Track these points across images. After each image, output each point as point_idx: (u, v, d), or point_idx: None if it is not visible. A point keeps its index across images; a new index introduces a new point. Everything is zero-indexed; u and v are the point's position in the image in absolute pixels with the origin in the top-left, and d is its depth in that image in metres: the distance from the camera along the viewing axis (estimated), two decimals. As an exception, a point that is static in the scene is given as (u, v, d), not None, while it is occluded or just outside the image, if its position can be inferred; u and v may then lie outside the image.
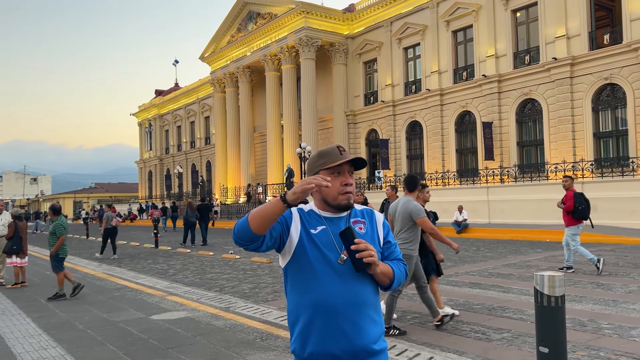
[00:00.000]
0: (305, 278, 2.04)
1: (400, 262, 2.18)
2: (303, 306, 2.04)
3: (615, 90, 21.91)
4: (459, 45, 28.37)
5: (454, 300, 7.56)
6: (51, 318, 7.38)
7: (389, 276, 2.07)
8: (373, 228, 2.16)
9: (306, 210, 2.13)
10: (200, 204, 20.79)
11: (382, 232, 2.17)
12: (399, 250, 2.24)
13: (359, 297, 2.02)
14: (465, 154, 28.27)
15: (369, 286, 2.06)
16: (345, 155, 2.08)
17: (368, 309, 2.03)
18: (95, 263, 14.47)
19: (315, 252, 2.03)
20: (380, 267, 2.02)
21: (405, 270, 2.20)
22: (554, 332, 2.79)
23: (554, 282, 2.81)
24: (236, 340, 5.82)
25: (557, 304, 2.79)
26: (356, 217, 2.15)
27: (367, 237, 2.10)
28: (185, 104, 53.85)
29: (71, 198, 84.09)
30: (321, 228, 2.07)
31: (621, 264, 10.57)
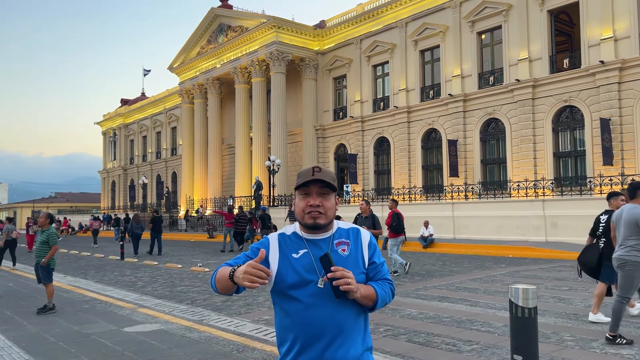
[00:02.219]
0: (287, 302, 2.07)
1: (385, 282, 2.17)
2: (286, 329, 2.08)
3: (574, 112, 22.89)
4: (427, 65, 29.12)
5: (424, 313, 7.78)
6: (20, 330, 7.24)
7: (372, 299, 2.08)
8: (358, 249, 2.14)
9: (289, 233, 2.16)
10: (154, 216, 21.36)
11: (367, 252, 2.16)
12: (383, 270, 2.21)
13: (340, 320, 2.04)
14: (431, 170, 28.89)
15: (351, 308, 2.06)
16: (317, 175, 2.08)
17: (349, 331, 2.05)
18: (60, 275, 14.15)
19: (295, 277, 2.04)
20: (361, 291, 2.03)
21: (392, 289, 2.20)
22: (528, 341, 3.00)
23: (527, 295, 3.03)
24: (213, 352, 5.87)
25: (531, 315, 3.01)
26: (340, 237, 2.15)
27: (350, 259, 2.10)
28: (151, 114, 53.23)
29: (29, 207, 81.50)
30: (303, 252, 2.09)
31: (580, 279, 11.02)
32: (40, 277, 8.67)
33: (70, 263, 17.73)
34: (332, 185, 2.11)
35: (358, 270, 2.10)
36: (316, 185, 2.09)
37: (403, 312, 7.93)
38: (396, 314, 7.82)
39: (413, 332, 6.65)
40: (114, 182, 60.01)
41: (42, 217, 8.81)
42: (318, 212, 2.07)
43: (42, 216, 8.82)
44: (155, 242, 20.46)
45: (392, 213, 12.44)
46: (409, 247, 20.63)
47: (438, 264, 14.73)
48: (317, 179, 2.08)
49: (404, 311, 8.02)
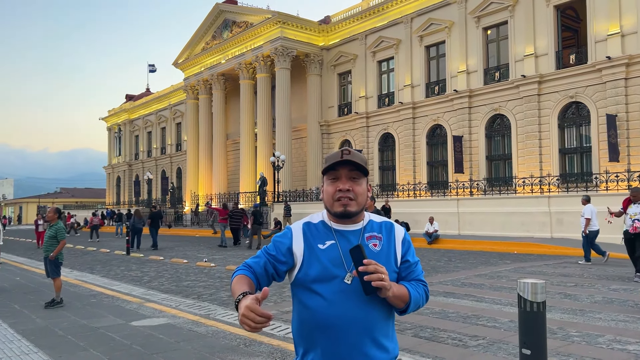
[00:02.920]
0: (308, 297, 1.89)
1: (419, 284, 1.98)
2: (305, 327, 1.90)
3: (580, 109, 22.80)
4: (432, 60, 29.04)
5: (430, 309, 7.79)
6: (28, 324, 7.30)
7: (404, 300, 1.89)
8: (390, 245, 1.96)
9: (315, 222, 1.99)
10: (152, 212, 22.12)
11: (400, 249, 1.98)
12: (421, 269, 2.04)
13: (366, 321, 1.85)
14: (436, 166, 28.85)
15: (379, 309, 1.88)
16: (347, 157, 1.91)
17: (375, 335, 1.86)
18: (67, 269, 14.23)
19: (320, 270, 1.88)
20: (394, 289, 1.83)
21: (426, 292, 2.00)
22: (536, 335, 3.01)
23: (536, 289, 3.04)
24: (220, 346, 5.90)
25: (539, 309, 3.02)
26: (372, 231, 1.97)
27: (381, 255, 1.92)
28: (156, 110, 53.33)
29: (35, 203, 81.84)
30: (330, 243, 1.92)
31: (586, 275, 11.02)
32: (49, 271, 8.72)
33: (76, 258, 17.82)
34: (364, 167, 1.93)
35: (390, 269, 1.90)
36: (346, 168, 1.92)
37: (409, 308, 7.94)
38: (402, 309, 7.83)
39: (419, 327, 6.66)
40: (119, 178, 60.21)
41: (50, 211, 8.85)
42: (348, 198, 1.90)
43: (51, 211, 8.86)
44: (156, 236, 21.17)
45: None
46: (414, 244, 20.53)
47: (443, 260, 14.73)
48: (347, 161, 1.91)
49: (410, 306, 8.02)
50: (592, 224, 12.81)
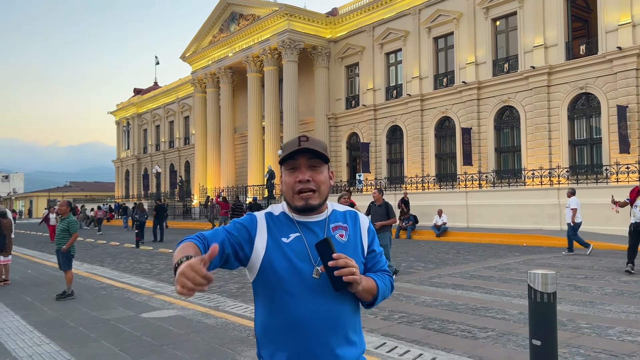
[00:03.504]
0: (274, 294, 1.76)
1: (385, 274, 1.89)
2: (271, 327, 1.77)
3: (590, 100, 22.58)
4: (440, 52, 28.84)
5: (439, 301, 7.79)
6: (40, 315, 7.38)
7: (373, 293, 1.80)
8: (357, 235, 1.86)
9: (277, 214, 1.85)
10: (157, 204, 22.54)
11: (366, 239, 1.88)
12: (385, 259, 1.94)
13: (335, 317, 1.75)
14: (445, 158, 28.72)
15: (347, 303, 1.78)
16: (305, 145, 1.77)
17: (345, 330, 1.77)
18: (77, 262, 14.34)
19: (285, 265, 1.74)
20: (363, 283, 1.73)
21: (391, 282, 1.92)
22: (546, 326, 3.00)
23: (546, 280, 3.02)
24: (229, 337, 5.93)
25: (550, 300, 3.00)
26: (337, 221, 1.85)
27: (348, 246, 1.81)
28: (164, 103, 53.44)
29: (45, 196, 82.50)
30: (294, 236, 1.78)
31: (596, 267, 10.96)
32: (60, 263, 8.80)
33: (86, 251, 17.96)
34: (324, 155, 1.80)
35: (357, 260, 1.80)
36: (305, 157, 1.79)
37: (418, 300, 7.94)
38: (411, 301, 7.84)
39: (428, 319, 6.66)
40: (127, 172, 60.50)
41: (62, 204, 8.92)
42: (310, 190, 1.77)
43: (62, 204, 8.92)
44: (158, 229, 21.46)
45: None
46: (422, 236, 20.62)
47: (452, 253, 14.70)
48: (305, 149, 1.77)
49: (419, 298, 8.03)
50: (578, 216, 13.35)
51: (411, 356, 5.06)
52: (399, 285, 9.20)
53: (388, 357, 5.04)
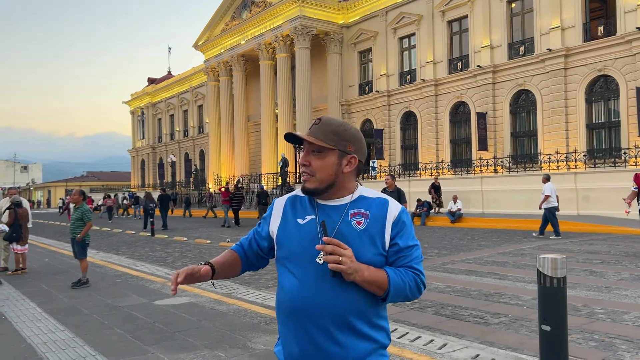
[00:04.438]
0: (283, 274, 1.80)
1: (409, 271, 1.74)
2: (280, 308, 1.80)
3: (609, 82, 22.13)
4: (454, 36, 28.44)
5: (451, 287, 7.74)
6: (55, 303, 7.48)
7: (380, 286, 1.69)
8: (378, 224, 1.74)
9: (302, 195, 1.85)
10: (161, 194, 23.49)
11: (389, 230, 1.74)
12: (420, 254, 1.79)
13: (338, 304, 1.69)
14: (459, 144, 28.45)
15: (357, 294, 1.70)
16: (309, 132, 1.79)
17: (352, 319, 1.70)
18: (93, 250, 14.53)
19: (295, 247, 1.75)
20: (365, 274, 1.66)
21: (417, 281, 1.74)
22: (556, 312, 2.94)
23: (556, 264, 2.96)
24: (241, 324, 5.96)
25: (559, 285, 2.94)
26: (359, 207, 1.77)
27: (364, 235, 1.73)
28: (178, 93, 53.62)
29: (63, 186, 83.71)
30: (309, 218, 1.77)
31: (613, 252, 10.80)
32: (75, 252, 8.91)
33: (102, 239, 18.19)
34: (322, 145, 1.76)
35: (374, 251, 1.72)
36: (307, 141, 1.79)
37: (430, 286, 7.90)
38: (423, 287, 7.79)
39: (440, 305, 6.62)
40: (143, 161, 61.00)
41: (75, 194, 9.00)
42: (307, 174, 1.78)
43: (75, 193, 9.01)
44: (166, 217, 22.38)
45: None
46: (437, 222, 20.51)
47: (466, 239, 14.60)
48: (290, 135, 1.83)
49: (431, 285, 7.98)
50: (552, 201, 13.88)
51: (422, 342, 5.03)
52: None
53: (399, 343, 5.02)
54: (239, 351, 4.95)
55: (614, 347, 4.74)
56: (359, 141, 1.82)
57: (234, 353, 4.90)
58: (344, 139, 1.78)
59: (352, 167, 1.79)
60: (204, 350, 5.02)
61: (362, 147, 1.83)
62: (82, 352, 5.05)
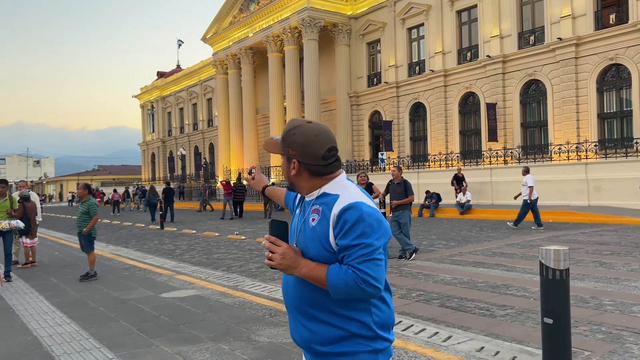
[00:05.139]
0: None
1: (350, 270, 1.70)
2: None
3: (621, 71, 21.80)
4: (463, 26, 28.15)
5: (458, 279, 7.68)
6: (63, 296, 7.54)
7: (319, 282, 1.75)
8: (324, 222, 1.79)
9: None
10: (165, 188, 23.83)
11: (332, 230, 1.76)
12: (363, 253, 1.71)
13: (298, 295, 1.85)
14: (469, 135, 28.23)
15: (311, 285, 1.83)
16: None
17: (308, 309, 1.83)
18: (103, 244, 14.64)
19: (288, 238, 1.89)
20: (302, 270, 1.76)
21: (357, 280, 1.68)
22: (559, 304, 2.89)
23: (559, 256, 2.90)
24: (246, 316, 5.96)
25: (562, 277, 2.89)
26: (318, 204, 1.84)
27: (315, 231, 1.80)
28: (187, 86, 53.71)
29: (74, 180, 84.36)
30: (297, 211, 1.99)
31: (623, 243, 10.67)
32: (82, 246, 8.96)
33: (112, 233, 18.32)
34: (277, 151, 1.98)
35: (320, 247, 1.78)
36: None
37: (437, 278, 7.86)
38: (429, 280, 7.76)
39: (446, 297, 6.58)
40: (153, 154, 61.29)
41: (80, 188, 9.04)
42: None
43: (81, 187, 9.05)
44: (168, 210, 22.67)
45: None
46: (446, 214, 20.41)
47: (474, 230, 14.51)
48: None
49: (438, 277, 7.94)
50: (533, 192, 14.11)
51: (427, 334, 5.00)
52: (418, 264, 9.12)
53: (403, 335, 4.99)
54: (243, 344, 4.95)
55: (621, 339, 4.67)
56: (302, 145, 1.85)
57: (238, 346, 4.90)
58: (286, 145, 1.90)
59: (295, 171, 1.88)
60: (207, 342, 5.03)
61: (306, 149, 1.85)
62: (86, 345, 5.07)
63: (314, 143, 1.85)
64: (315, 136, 1.85)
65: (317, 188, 1.88)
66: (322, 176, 1.87)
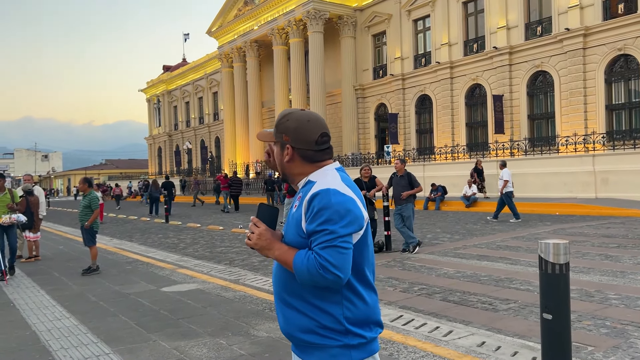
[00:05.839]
0: None
1: (312, 254, 1.73)
2: None
3: (629, 61, 21.51)
4: (470, 17, 27.88)
5: (461, 272, 7.60)
6: (64, 290, 7.53)
7: (289, 265, 1.79)
8: (300, 208, 1.84)
9: None
10: (165, 181, 24.53)
11: (304, 215, 1.80)
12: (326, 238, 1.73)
13: (277, 281, 1.91)
14: (475, 127, 28.02)
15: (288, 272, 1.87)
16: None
17: (285, 295, 1.87)
18: (107, 237, 14.66)
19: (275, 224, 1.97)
20: (275, 252, 1.82)
21: (316, 265, 1.70)
22: (558, 299, 2.80)
23: (558, 250, 2.82)
24: (245, 310, 5.91)
25: (562, 272, 2.80)
26: (302, 191, 1.90)
27: (294, 217, 1.86)
28: (193, 80, 53.68)
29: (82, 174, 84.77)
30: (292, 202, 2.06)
31: (630, 236, 10.53)
32: (84, 239, 8.94)
33: (117, 226, 18.35)
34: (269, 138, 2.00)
35: (295, 233, 1.83)
36: None
37: (440, 271, 7.78)
38: (432, 273, 7.68)
39: (448, 291, 6.50)
40: (160, 148, 61.40)
41: (81, 182, 9.03)
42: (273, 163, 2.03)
43: (81, 181, 9.03)
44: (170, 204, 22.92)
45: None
46: (452, 207, 20.28)
47: (480, 223, 14.39)
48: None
49: (441, 270, 7.86)
50: (509, 186, 14.41)
51: (427, 329, 4.93)
52: (422, 257, 9.05)
53: (403, 330, 4.92)
54: (241, 338, 4.90)
55: (626, 334, 4.58)
56: (295, 130, 1.89)
57: (236, 340, 4.85)
58: (279, 131, 1.93)
59: (289, 156, 1.91)
60: (206, 337, 4.98)
61: (299, 134, 1.89)
62: (84, 340, 5.04)
63: (307, 128, 1.89)
64: (308, 121, 1.90)
65: (306, 175, 1.91)
66: (314, 162, 1.91)
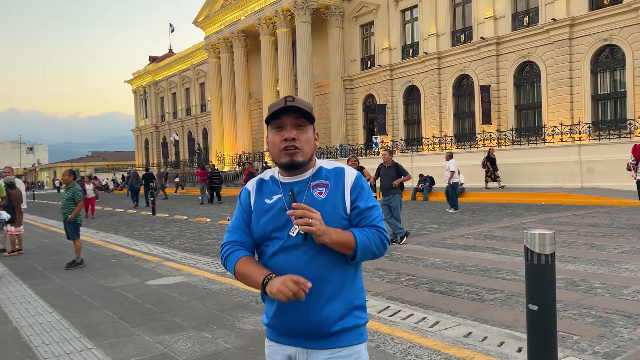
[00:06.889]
0: (260, 251, 1.91)
1: (372, 229, 1.83)
2: None
3: (615, 52, 21.63)
4: (457, 7, 27.83)
5: (449, 262, 7.60)
6: (47, 285, 7.41)
7: (349, 246, 1.78)
8: (338, 191, 1.85)
9: (267, 178, 1.95)
10: (145, 174, 25.09)
11: (349, 195, 1.85)
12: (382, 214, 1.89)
13: (314, 273, 1.78)
14: (463, 118, 28.08)
15: (328, 257, 1.80)
16: (290, 103, 1.82)
17: (327, 286, 1.80)
18: (93, 230, 14.50)
19: (267, 224, 1.85)
20: (333, 236, 1.74)
21: (382, 239, 1.83)
22: (544, 290, 2.78)
23: (544, 240, 2.79)
24: (232, 303, 5.86)
25: (547, 262, 2.78)
26: (319, 179, 1.87)
27: (327, 203, 1.82)
28: (179, 71, 53.15)
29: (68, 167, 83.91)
30: (276, 197, 1.87)
31: (615, 225, 10.61)
32: (68, 233, 8.81)
33: (103, 219, 18.17)
34: (310, 114, 1.86)
35: (337, 216, 1.81)
36: (290, 116, 1.84)
37: (427, 262, 7.77)
38: (419, 264, 7.67)
39: (435, 282, 6.49)
40: (147, 140, 60.87)
41: (64, 174, 8.87)
42: (294, 148, 1.83)
43: (65, 173, 8.88)
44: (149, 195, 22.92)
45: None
46: (438, 197, 20.32)
47: (467, 213, 14.44)
48: (291, 107, 1.82)
49: (428, 260, 7.85)
50: (455, 177, 15.06)
51: (414, 320, 4.91)
52: (409, 248, 9.04)
53: (390, 321, 4.90)
54: (226, 332, 4.85)
55: (611, 323, 4.60)
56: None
57: (221, 334, 4.80)
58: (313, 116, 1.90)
59: (318, 141, 1.95)
60: (190, 331, 4.92)
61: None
62: (66, 335, 4.96)
63: None
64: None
65: (313, 164, 1.91)
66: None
